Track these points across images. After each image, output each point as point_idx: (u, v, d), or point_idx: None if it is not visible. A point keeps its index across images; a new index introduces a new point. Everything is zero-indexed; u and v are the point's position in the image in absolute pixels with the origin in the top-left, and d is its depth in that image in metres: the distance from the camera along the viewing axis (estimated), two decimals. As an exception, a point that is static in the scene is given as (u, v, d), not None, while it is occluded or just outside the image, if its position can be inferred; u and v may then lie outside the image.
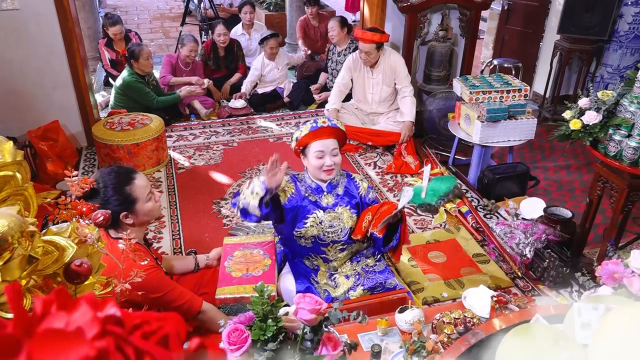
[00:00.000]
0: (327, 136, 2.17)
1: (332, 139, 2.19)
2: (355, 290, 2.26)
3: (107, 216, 1.27)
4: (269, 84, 5.16)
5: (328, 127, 2.16)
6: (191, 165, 4.02)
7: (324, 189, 2.26)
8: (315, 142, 2.16)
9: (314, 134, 2.15)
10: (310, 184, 2.27)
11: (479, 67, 5.68)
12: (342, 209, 2.27)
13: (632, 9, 4.21)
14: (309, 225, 2.22)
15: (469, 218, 3.22)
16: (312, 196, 2.26)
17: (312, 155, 2.18)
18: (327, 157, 2.17)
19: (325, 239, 2.25)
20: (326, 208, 2.25)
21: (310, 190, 2.27)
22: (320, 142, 2.16)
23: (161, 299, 1.87)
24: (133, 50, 4.34)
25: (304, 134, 2.16)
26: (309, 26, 5.92)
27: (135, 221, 1.91)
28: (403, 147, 3.96)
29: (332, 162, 2.18)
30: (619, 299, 1.09)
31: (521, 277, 2.78)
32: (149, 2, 9.95)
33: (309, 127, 2.16)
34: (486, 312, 1.80)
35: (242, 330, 1.21)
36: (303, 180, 2.29)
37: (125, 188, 1.87)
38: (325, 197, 2.26)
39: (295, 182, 2.28)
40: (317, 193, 2.26)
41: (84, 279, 1.05)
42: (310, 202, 2.24)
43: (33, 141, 3.69)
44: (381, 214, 2.19)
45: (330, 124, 2.17)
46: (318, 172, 2.21)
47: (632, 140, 2.37)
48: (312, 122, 2.17)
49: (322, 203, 2.26)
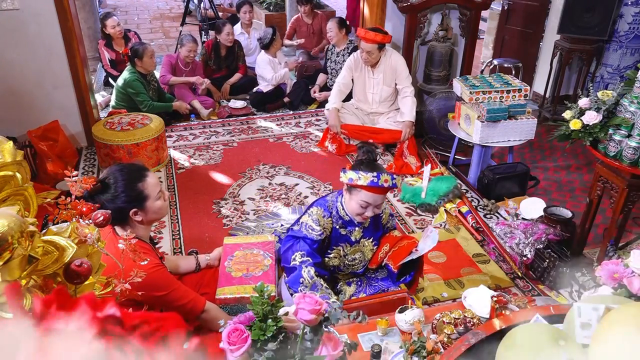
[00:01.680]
0: (381, 192, 2.05)
1: (383, 195, 2.07)
2: (357, 296, 2.26)
3: (107, 216, 1.27)
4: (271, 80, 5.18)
5: (387, 188, 2.03)
6: (191, 165, 4.02)
7: (356, 224, 2.18)
8: (367, 193, 2.02)
9: (369, 188, 2.01)
10: (342, 215, 2.16)
11: (479, 67, 5.68)
12: (365, 241, 2.24)
13: (632, 9, 4.21)
14: (332, 256, 2.21)
15: (469, 218, 3.22)
16: (343, 229, 2.18)
17: (356, 201, 2.05)
18: (371, 209, 2.06)
19: (344, 269, 2.26)
20: (354, 242, 2.20)
21: (342, 222, 2.17)
22: (371, 195, 2.02)
23: (165, 297, 1.87)
24: (137, 49, 4.36)
25: (361, 184, 2.00)
26: (300, 24, 5.97)
27: (144, 218, 1.91)
28: (405, 146, 3.96)
29: (373, 214, 2.09)
30: (619, 299, 1.09)
31: (521, 277, 2.78)
32: (149, 2, 9.95)
33: (369, 179, 1.99)
34: (486, 312, 1.80)
35: (242, 330, 1.21)
36: (334, 209, 2.17)
37: (137, 185, 1.86)
38: (356, 231, 2.20)
39: (329, 214, 2.16)
40: (348, 226, 2.18)
41: (84, 279, 1.05)
42: (340, 235, 2.17)
43: (33, 141, 3.69)
44: (400, 248, 2.16)
45: (391, 185, 2.03)
46: (354, 215, 2.12)
47: (632, 140, 2.37)
48: (374, 176, 1.99)
49: (352, 237, 2.19)
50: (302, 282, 2.02)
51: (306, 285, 2.01)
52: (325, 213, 2.14)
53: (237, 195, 3.60)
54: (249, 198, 3.55)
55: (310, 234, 2.10)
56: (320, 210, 2.14)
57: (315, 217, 2.12)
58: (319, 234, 2.10)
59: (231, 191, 3.64)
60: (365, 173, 2.00)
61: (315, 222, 2.11)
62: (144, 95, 4.39)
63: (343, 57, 4.81)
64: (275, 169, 3.93)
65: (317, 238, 2.09)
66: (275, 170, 3.91)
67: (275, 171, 3.90)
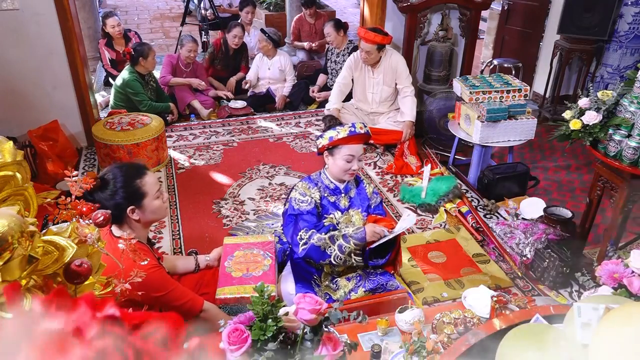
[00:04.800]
0: (359, 142, 2.19)
1: (362, 145, 2.21)
2: (356, 291, 2.26)
3: (107, 216, 1.27)
4: (262, 81, 5.20)
5: (364, 134, 2.18)
6: (191, 165, 4.02)
7: (342, 190, 2.29)
8: (348, 146, 2.17)
9: (350, 138, 2.16)
10: (327, 184, 2.29)
11: (479, 67, 5.68)
12: (354, 212, 2.29)
13: (632, 9, 4.21)
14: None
15: (469, 218, 3.22)
16: (331, 197, 2.28)
17: (340, 157, 2.19)
18: (355, 161, 2.20)
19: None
20: (343, 210, 2.28)
21: (329, 190, 2.28)
22: (352, 146, 2.18)
23: (163, 298, 1.87)
24: (143, 49, 4.36)
25: (341, 136, 2.16)
26: (303, 23, 5.98)
27: (141, 217, 1.90)
28: (406, 146, 3.97)
29: (358, 167, 2.21)
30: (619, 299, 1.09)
31: (521, 277, 2.78)
32: (149, 2, 9.94)
33: (347, 130, 2.15)
34: (486, 312, 1.80)
35: (242, 330, 1.21)
36: (319, 180, 2.31)
37: (136, 181, 1.87)
38: (343, 198, 2.29)
39: (315, 185, 2.29)
40: (334, 194, 2.29)
41: (84, 279, 1.05)
42: (329, 202, 2.27)
43: (33, 141, 3.69)
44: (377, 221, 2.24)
45: (366, 131, 2.19)
46: (342, 174, 2.23)
47: (632, 140, 2.37)
48: (350, 127, 2.16)
49: (340, 204, 2.28)
50: (322, 247, 2.14)
51: (328, 244, 2.14)
52: (310, 184, 2.28)
53: (237, 195, 3.60)
54: (249, 198, 3.55)
55: (302, 207, 2.22)
56: (305, 183, 2.29)
57: (301, 189, 2.26)
58: (308, 203, 2.22)
59: (231, 191, 3.64)
60: (341, 127, 2.18)
61: (302, 194, 2.24)
62: (143, 95, 4.39)
63: (343, 57, 4.82)
64: (275, 169, 3.93)
65: (309, 208, 2.21)
66: (275, 170, 3.91)
67: (275, 171, 3.90)
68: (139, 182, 1.87)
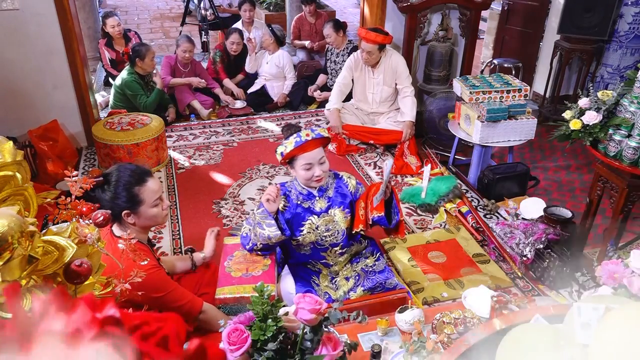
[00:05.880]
0: (313, 147, 2.12)
1: (318, 149, 2.14)
2: (355, 291, 2.26)
3: (107, 216, 1.27)
4: (259, 77, 5.21)
5: (312, 140, 2.11)
6: (191, 165, 4.01)
7: (315, 194, 2.26)
8: (302, 155, 2.12)
9: (299, 148, 2.10)
10: (301, 190, 2.26)
11: (479, 67, 5.68)
12: (335, 210, 2.27)
13: (632, 9, 4.21)
14: (305, 232, 2.22)
15: (469, 218, 3.22)
16: (305, 203, 2.25)
17: (299, 168, 2.15)
18: (316, 167, 2.14)
19: (323, 243, 2.26)
20: (320, 213, 2.25)
21: (302, 197, 2.25)
22: (306, 154, 2.12)
23: (162, 299, 1.87)
24: (140, 50, 4.35)
25: (289, 150, 2.11)
26: (304, 23, 5.98)
27: (136, 222, 1.91)
28: (406, 146, 3.97)
29: (321, 172, 2.16)
30: (619, 299, 1.09)
31: (521, 277, 2.78)
32: (149, 2, 9.94)
33: (293, 142, 2.10)
34: (486, 312, 1.80)
35: (242, 330, 1.21)
36: (292, 188, 2.28)
37: (135, 188, 1.87)
38: (318, 201, 2.25)
39: (285, 192, 2.27)
40: (308, 199, 2.25)
41: (84, 279, 1.05)
42: (303, 209, 2.23)
43: (33, 141, 3.69)
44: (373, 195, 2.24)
45: (315, 136, 2.11)
46: (308, 182, 2.21)
47: (632, 140, 2.37)
48: (296, 137, 2.10)
49: (316, 208, 2.25)
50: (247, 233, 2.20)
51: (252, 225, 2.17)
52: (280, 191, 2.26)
53: (237, 195, 3.60)
54: (249, 198, 3.55)
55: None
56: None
57: None
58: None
59: (231, 191, 3.64)
60: (287, 140, 2.14)
61: None
62: (142, 96, 4.39)
63: (343, 57, 4.82)
64: (275, 169, 3.93)
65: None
66: (275, 170, 3.91)
67: (275, 171, 3.90)
68: (138, 189, 1.87)
